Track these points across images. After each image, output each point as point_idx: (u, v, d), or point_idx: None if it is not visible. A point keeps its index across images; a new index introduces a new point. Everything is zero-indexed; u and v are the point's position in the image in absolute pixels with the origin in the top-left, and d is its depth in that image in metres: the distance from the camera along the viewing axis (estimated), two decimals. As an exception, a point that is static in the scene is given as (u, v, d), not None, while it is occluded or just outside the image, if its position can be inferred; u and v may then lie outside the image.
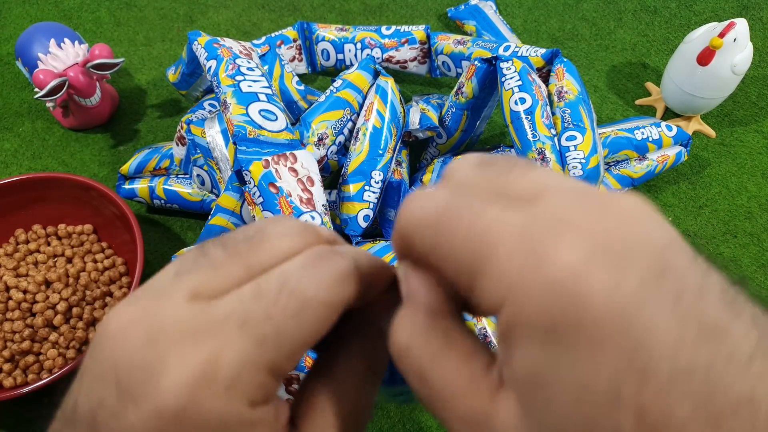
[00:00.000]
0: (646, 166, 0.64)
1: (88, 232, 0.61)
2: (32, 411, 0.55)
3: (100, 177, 0.69)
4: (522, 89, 0.55)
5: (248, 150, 0.49)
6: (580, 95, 0.56)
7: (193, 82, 0.69)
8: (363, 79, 0.59)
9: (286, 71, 0.63)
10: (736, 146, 0.72)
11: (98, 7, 0.86)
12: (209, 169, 0.59)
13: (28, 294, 0.54)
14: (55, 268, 0.57)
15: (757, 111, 0.76)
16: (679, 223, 0.67)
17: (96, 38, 0.83)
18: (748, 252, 0.64)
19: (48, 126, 0.74)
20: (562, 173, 0.14)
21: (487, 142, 0.73)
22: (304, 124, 0.56)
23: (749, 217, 0.67)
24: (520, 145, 0.54)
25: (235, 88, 0.52)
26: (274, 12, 0.86)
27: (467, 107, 0.61)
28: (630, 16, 0.86)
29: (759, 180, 0.69)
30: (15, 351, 0.52)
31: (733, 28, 0.62)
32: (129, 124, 0.74)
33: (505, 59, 0.56)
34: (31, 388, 0.47)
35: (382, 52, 0.73)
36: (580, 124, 0.54)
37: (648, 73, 0.80)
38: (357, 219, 0.54)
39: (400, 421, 0.55)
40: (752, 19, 0.84)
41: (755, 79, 0.78)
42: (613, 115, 0.76)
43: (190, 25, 0.85)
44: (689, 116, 0.74)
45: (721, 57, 0.64)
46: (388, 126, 0.57)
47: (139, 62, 0.80)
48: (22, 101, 0.76)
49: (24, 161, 0.71)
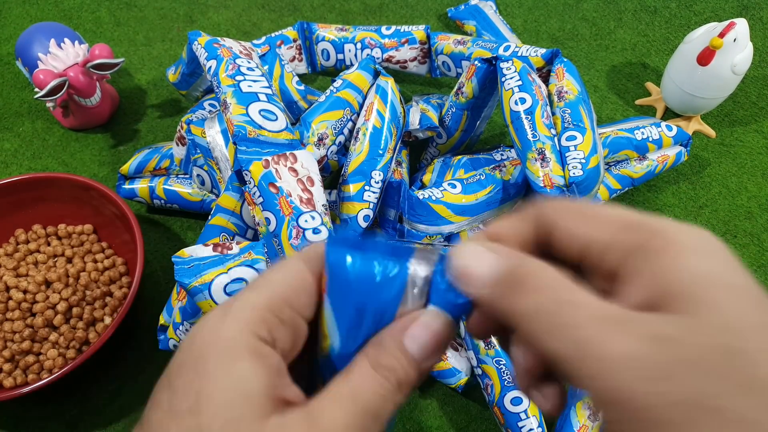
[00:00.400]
0: (646, 166, 0.64)
1: (88, 232, 0.61)
2: (32, 411, 0.55)
3: (100, 177, 0.69)
4: (522, 89, 0.55)
5: (248, 150, 0.49)
6: (580, 95, 0.56)
7: (193, 82, 0.69)
8: (363, 79, 0.59)
9: (286, 71, 0.63)
10: (736, 146, 0.72)
11: (98, 7, 0.86)
12: (209, 169, 0.59)
13: (28, 294, 0.54)
14: (55, 268, 0.57)
15: (757, 111, 0.76)
16: (679, 223, 0.66)
17: (96, 38, 0.83)
18: (748, 252, 0.64)
19: (48, 126, 0.74)
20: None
21: (487, 142, 0.73)
22: (304, 124, 0.56)
23: (749, 217, 0.67)
24: (520, 145, 0.54)
25: (235, 88, 0.52)
26: (274, 12, 0.86)
27: (467, 107, 0.61)
28: (630, 16, 0.86)
29: (759, 180, 0.69)
30: (15, 351, 0.52)
31: (733, 28, 0.62)
32: (129, 124, 0.74)
33: (505, 59, 0.56)
34: (31, 388, 0.47)
35: (382, 52, 0.73)
36: (580, 124, 0.54)
37: (648, 73, 0.80)
38: (357, 219, 0.54)
39: (400, 421, 0.55)
40: (752, 19, 0.84)
41: (755, 79, 0.78)
42: (613, 115, 0.76)
43: (190, 25, 0.85)
44: (689, 116, 0.74)
45: (721, 57, 0.64)
46: (388, 126, 0.57)
47: (139, 62, 0.80)
48: (22, 101, 0.76)
49: (24, 161, 0.71)
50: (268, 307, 0.20)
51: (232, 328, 0.19)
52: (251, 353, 0.19)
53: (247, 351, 0.19)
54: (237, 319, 0.19)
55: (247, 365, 0.19)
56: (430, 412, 0.56)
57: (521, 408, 0.51)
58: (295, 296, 0.21)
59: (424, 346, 0.20)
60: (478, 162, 0.61)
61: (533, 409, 0.51)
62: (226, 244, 0.47)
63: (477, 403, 0.56)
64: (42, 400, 0.55)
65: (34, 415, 0.54)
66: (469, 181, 0.58)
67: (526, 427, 0.50)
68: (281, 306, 0.20)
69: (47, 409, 0.55)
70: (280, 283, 0.21)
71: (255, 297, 0.20)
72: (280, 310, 0.20)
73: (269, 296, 0.20)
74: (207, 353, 0.19)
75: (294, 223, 0.47)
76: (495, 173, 0.58)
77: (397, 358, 0.20)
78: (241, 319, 0.19)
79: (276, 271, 0.21)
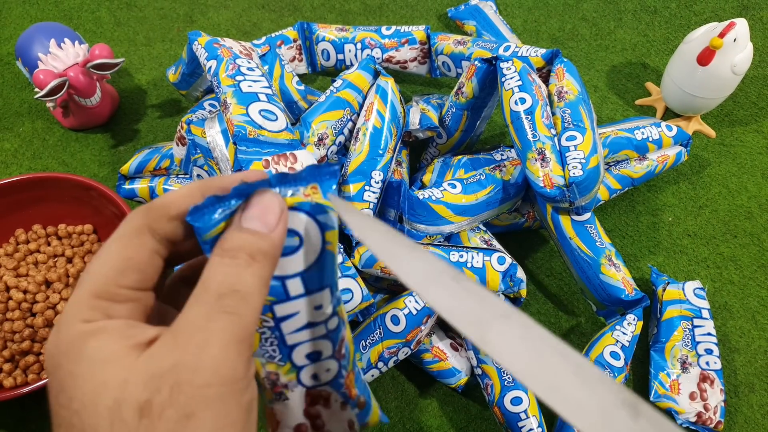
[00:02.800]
0: (646, 166, 0.64)
1: (88, 232, 0.61)
2: (32, 411, 0.55)
3: (100, 177, 0.69)
4: (522, 89, 0.55)
5: (248, 150, 0.49)
6: (580, 95, 0.56)
7: (193, 82, 0.69)
8: (363, 79, 0.59)
9: (286, 71, 0.64)
10: (736, 146, 0.72)
11: (98, 7, 0.86)
12: (209, 169, 0.59)
13: (28, 294, 0.54)
14: (55, 268, 0.57)
15: (757, 111, 0.76)
16: (679, 223, 0.67)
17: (96, 38, 0.83)
18: (748, 252, 0.64)
19: (48, 126, 0.74)
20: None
21: (487, 142, 0.73)
22: (304, 124, 0.56)
23: (749, 217, 0.67)
24: (520, 145, 0.54)
25: (236, 88, 0.52)
26: (274, 12, 0.86)
27: (467, 107, 0.61)
28: (630, 17, 0.86)
29: (759, 180, 0.69)
30: (15, 351, 0.52)
31: (733, 28, 0.62)
32: (129, 124, 0.74)
33: (505, 59, 0.56)
34: (31, 388, 0.47)
35: (382, 52, 0.73)
36: (580, 124, 0.54)
37: (648, 73, 0.80)
38: (357, 219, 0.54)
39: (401, 421, 0.55)
40: (752, 19, 0.84)
41: (755, 79, 0.78)
42: (613, 115, 0.76)
43: (190, 25, 0.85)
44: (689, 116, 0.74)
45: (721, 57, 0.64)
46: (388, 126, 0.57)
47: (140, 62, 0.80)
48: (23, 101, 0.76)
49: (24, 161, 0.71)
50: (95, 295, 0.21)
51: (65, 330, 0.20)
52: (87, 336, 0.20)
53: (81, 338, 0.20)
54: (67, 319, 0.20)
55: (92, 348, 0.19)
56: (430, 412, 0.56)
57: (521, 408, 0.51)
58: (121, 277, 0.21)
59: (256, 215, 0.22)
60: (478, 162, 0.61)
61: (533, 409, 0.51)
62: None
63: (477, 403, 0.56)
64: (42, 400, 0.55)
65: (34, 415, 0.54)
66: (469, 181, 0.58)
67: (526, 427, 0.50)
68: (107, 290, 0.21)
69: (47, 410, 0.55)
70: (98, 271, 0.21)
71: (77, 293, 0.21)
72: (108, 293, 0.21)
73: (89, 288, 0.21)
74: (59, 362, 0.20)
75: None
76: (495, 173, 0.58)
77: (238, 237, 0.21)
78: (70, 315, 0.20)
79: (98, 257, 0.22)
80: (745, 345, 0.59)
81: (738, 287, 0.62)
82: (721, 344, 0.58)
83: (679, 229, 0.66)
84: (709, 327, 0.56)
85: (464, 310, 0.21)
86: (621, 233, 0.66)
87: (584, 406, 0.20)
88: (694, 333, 0.56)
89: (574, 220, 0.58)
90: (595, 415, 0.20)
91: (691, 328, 0.56)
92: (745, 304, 0.61)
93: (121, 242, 0.22)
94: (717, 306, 0.61)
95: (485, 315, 0.21)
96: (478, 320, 0.21)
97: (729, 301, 0.61)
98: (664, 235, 0.66)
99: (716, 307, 0.61)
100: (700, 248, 0.65)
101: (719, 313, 0.60)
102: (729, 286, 0.62)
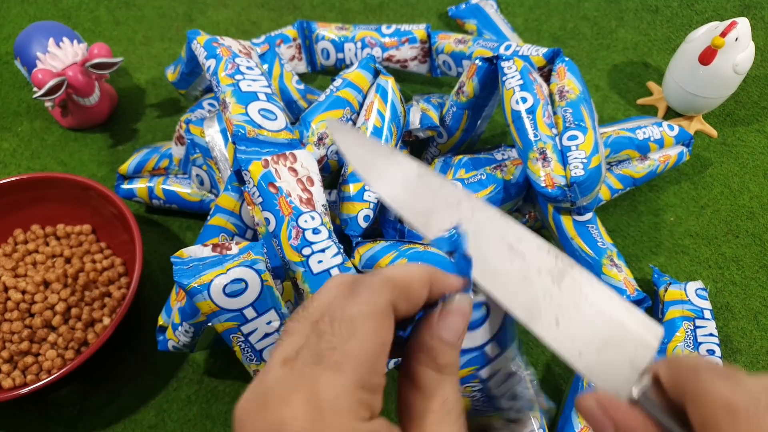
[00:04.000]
0: (648, 166, 0.64)
1: (86, 233, 0.60)
2: (31, 412, 0.54)
3: (98, 177, 0.69)
4: (523, 88, 0.54)
5: (247, 150, 0.48)
6: (582, 94, 0.56)
7: (192, 81, 0.69)
8: (363, 79, 0.59)
9: (286, 70, 0.63)
10: (738, 146, 0.72)
11: (97, 6, 0.86)
12: (208, 169, 0.58)
13: (26, 294, 0.53)
14: (53, 268, 0.56)
15: (759, 111, 0.75)
16: (681, 223, 0.66)
17: (95, 37, 0.82)
18: (750, 252, 0.64)
19: (46, 125, 0.74)
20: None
21: (488, 141, 0.72)
22: (303, 124, 0.56)
23: (751, 217, 0.66)
24: (521, 144, 0.54)
25: (235, 87, 0.51)
26: (273, 11, 0.86)
27: (468, 106, 0.61)
28: (631, 15, 0.85)
29: (761, 180, 0.69)
30: (14, 352, 0.51)
31: (735, 28, 0.62)
32: (128, 123, 0.74)
33: (506, 58, 0.56)
34: (30, 389, 0.47)
35: (382, 51, 0.73)
36: (582, 124, 0.54)
37: (650, 72, 0.79)
38: (357, 219, 0.53)
39: (401, 422, 0.55)
40: (754, 19, 0.84)
41: (757, 79, 0.78)
42: (615, 115, 0.75)
43: (189, 24, 0.84)
44: (691, 116, 0.73)
45: (723, 56, 0.64)
46: (389, 125, 0.57)
47: (138, 61, 0.80)
48: (21, 101, 0.76)
49: (22, 161, 0.71)
50: (361, 386, 0.19)
51: (337, 423, 0.18)
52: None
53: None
54: (339, 410, 0.18)
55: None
56: (431, 413, 0.56)
57: (522, 409, 0.50)
58: (379, 364, 0.20)
59: (458, 329, 0.22)
60: (479, 162, 0.61)
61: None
62: (226, 245, 0.46)
63: (478, 404, 0.56)
64: (41, 401, 0.55)
65: (33, 416, 0.54)
66: (470, 180, 0.58)
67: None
68: (369, 381, 0.20)
69: (46, 410, 0.54)
70: (361, 356, 0.19)
71: (342, 380, 0.19)
72: (370, 384, 0.20)
73: (355, 377, 0.19)
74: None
75: (294, 224, 0.46)
76: (496, 173, 0.58)
77: (450, 354, 0.22)
78: (343, 407, 0.19)
79: (352, 337, 0.20)
80: (747, 346, 0.58)
81: (740, 288, 0.61)
82: (723, 345, 0.58)
83: (680, 230, 0.66)
84: (711, 328, 0.56)
85: (416, 202, 0.23)
86: (622, 233, 0.66)
87: (508, 272, 0.23)
88: (696, 334, 0.56)
89: (575, 220, 0.57)
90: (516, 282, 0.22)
91: (693, 329, 0.56)
92: (747, 305, 0.61)
93: (376, 322, 0.20)
94: (719, 307, 0.61)
95: (436, 203, 0.23)
96: (426, 209, 0.23)
97: (731, 301, 0.61)
98: (666, 236, 0.65)
99: (718, 307, 0.60)
100: (701, 248, 0.64)
101: (721, 314, 0.60)
102: (731, 287, 0.62)
